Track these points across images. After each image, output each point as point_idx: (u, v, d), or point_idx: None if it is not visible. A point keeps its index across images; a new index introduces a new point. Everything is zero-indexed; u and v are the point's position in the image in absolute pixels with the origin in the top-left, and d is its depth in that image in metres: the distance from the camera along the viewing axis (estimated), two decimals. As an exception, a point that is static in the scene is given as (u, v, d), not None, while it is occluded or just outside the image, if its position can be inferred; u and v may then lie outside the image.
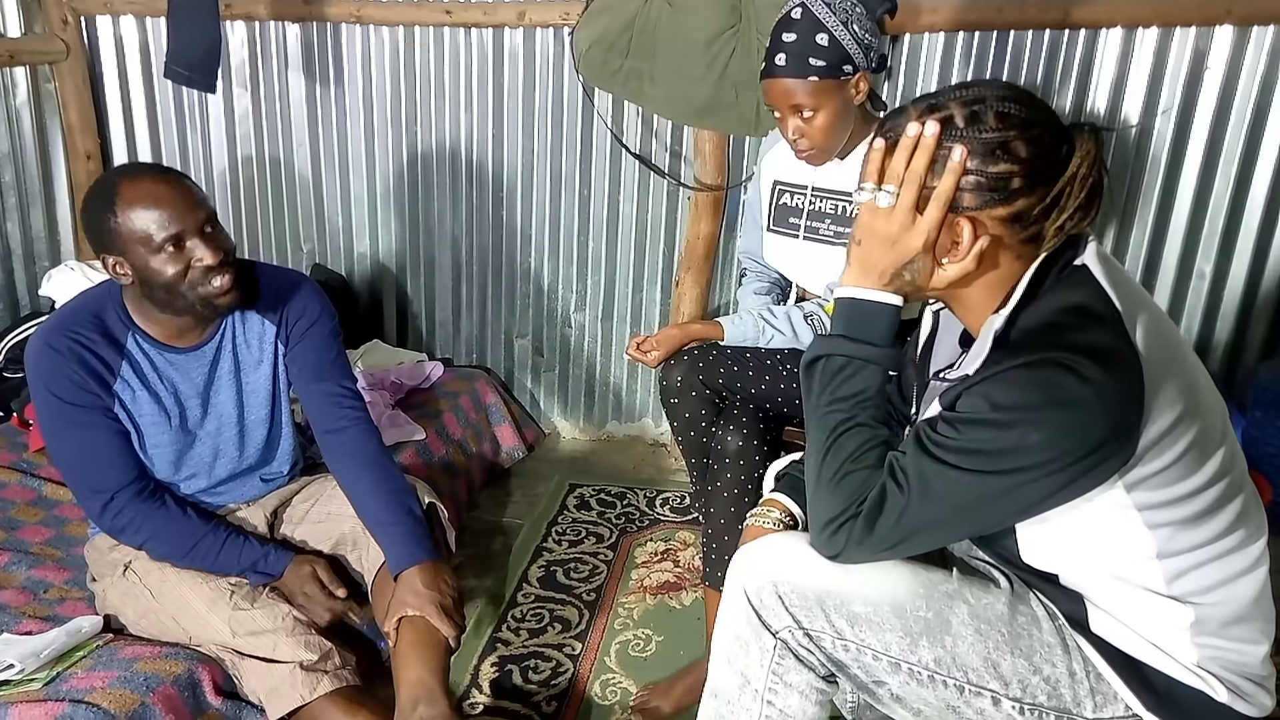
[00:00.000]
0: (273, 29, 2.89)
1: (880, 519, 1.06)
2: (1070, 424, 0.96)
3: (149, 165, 1.60)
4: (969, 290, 1.09)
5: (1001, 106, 1.02)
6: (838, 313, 1.14)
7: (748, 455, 1.78)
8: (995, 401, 0.99)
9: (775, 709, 1.16)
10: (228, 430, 1.74)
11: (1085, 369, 0.95)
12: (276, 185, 3.06)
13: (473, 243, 3.00)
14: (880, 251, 1.07)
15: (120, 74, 2.99)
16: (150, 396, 1.65)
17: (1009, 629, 1.12)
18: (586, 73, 2.59)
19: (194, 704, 1.51)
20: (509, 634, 2.02)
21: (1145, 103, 2.47)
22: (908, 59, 2.55)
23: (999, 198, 1.02)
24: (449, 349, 3.15)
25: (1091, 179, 1.03)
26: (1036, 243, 1.05)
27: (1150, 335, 1.00)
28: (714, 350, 1.94)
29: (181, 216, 1.50)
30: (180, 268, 1.52)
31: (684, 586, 2.21)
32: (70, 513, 2.06)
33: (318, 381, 1.76)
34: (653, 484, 2.75)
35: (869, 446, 1.10)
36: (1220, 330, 2.63)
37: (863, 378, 1.12)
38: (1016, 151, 1.01)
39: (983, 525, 1.08)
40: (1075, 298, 1.02)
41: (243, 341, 1.73)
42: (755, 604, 1.14)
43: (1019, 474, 0.99)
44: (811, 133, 1.77)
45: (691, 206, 2.73)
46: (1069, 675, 1.11)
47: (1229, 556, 1.07)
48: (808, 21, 1.71)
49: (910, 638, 1.11)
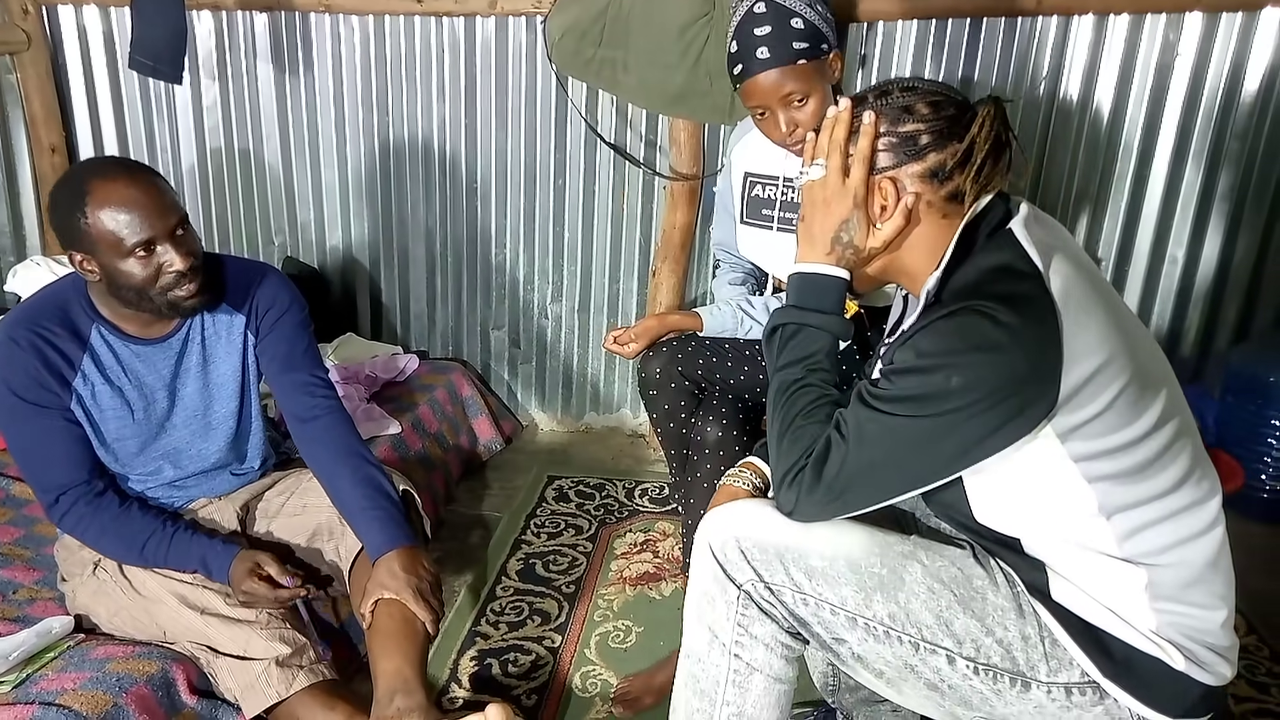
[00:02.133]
0: (240, 18, 2.84)
1: (825, 467, 1.12)
2: (989, 365, 1.03)
3: (121, 162, 1.54)
4: (907, 256, 1.18)
5: (906, 84, 1.17)
6: (789, 287, 1.23)
7: (727, 446, 1.77)
8: (920, 349, 1.07)
9: (742, 661, 1.20)
10: (194, 423, 1.72)
11: (1000, 314, 1.03)
12: (246, 177, 3.02)
13: (447, 234, 2.97)
14: (820, 220, 1.18)
15: (84, 64, 2.93)
16: (112, 390, 1.62)
17: (962, 590, 1.16)
18: (560, 62, 2.57)
19: (168, 703, 1.49)
20: (488, 627, 2.01)
21: (1117, 90, 2.49)
22: (882, 48, 2.55)
23: (911, 153, 1.13)
24: (424, 342, 3.13)
25: (997, 135, 1.12)
26: (959, 201, 1.14)
27: (1069, 282, 1.06)
28: (692, 341, 1.93)
29: (154, 222, 1.48)
30: (150, 272, 1.50)
31: (664, 577, 2.20)
32: (39, 512, 2.02)
33: (289, 371, 1.74)
34: (631, 475, 2.74)
35: (818, 404, 1.17)
36: (1192, 315, 2.66)
37: (811, 341, 1.20)
38: (920, 112, 1.13)
39: (921, 471, 1.11)
40: (998, 258, 1.09)
41: (211, 333, 1.71)
42: (720, 558, 1.19)
43: (945, 416, 1.05)
44: (805, 120, 1.72)
45: (667, 196, 2.72)
46: (1022, 639, 1.14)
47: (1180, 516, 1.10)
48: (775, 9, 1.68)
49: (865, 592, 1.15)
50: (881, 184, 1.14)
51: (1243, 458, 2.43)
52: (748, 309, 1.91)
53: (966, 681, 1.14)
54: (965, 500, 1.16)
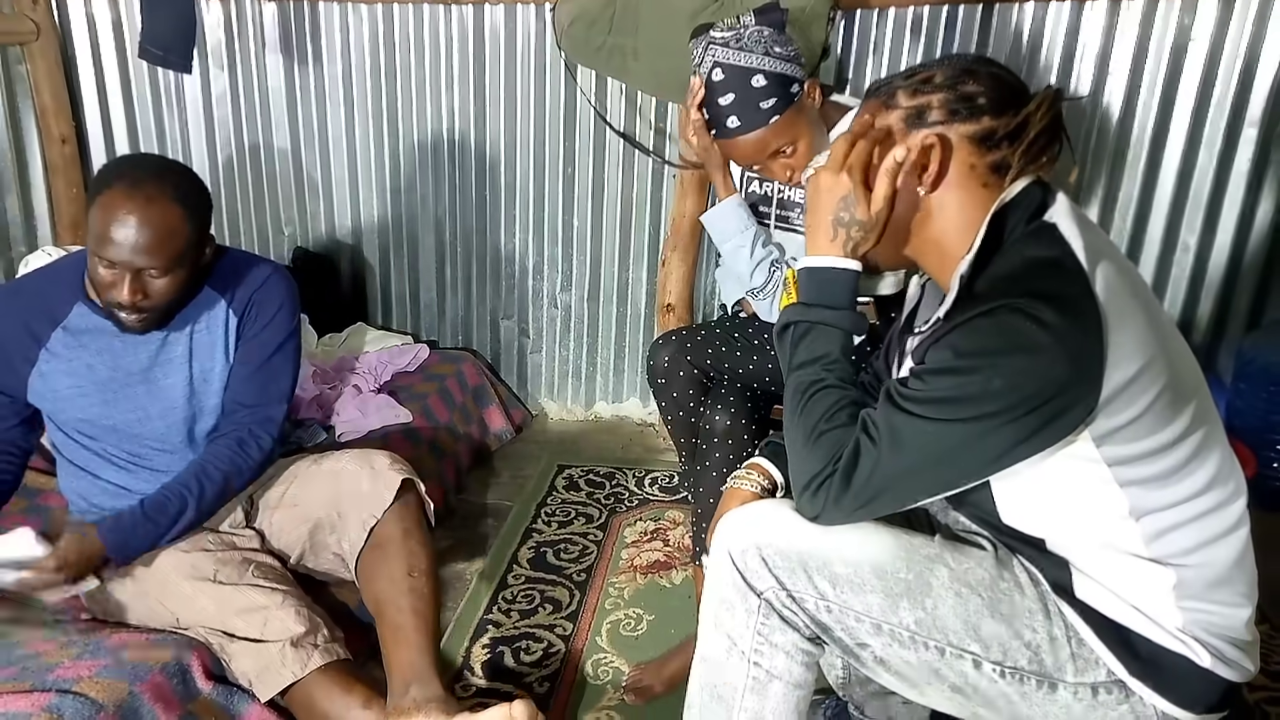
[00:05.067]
0: (249, 7, 2.84)
1: (855, 473, 1.08)
2: (1031, 368, 0.98)
3: (144, 186, 1.50)
4: (938, 228, 1.13)
5: (969, 58, 1.15)
6: (799, 283, 1.20)
7: (736, 434, 1.77)
8: (958, 349, 1.02)
9: (761, 669, 1.17)
10: (173, 415, 1.71)
11: (1044, 315, 0.98)
12: (256, 167, 3.02)
13: (456, 224, 2.97)
14: (820, 206, 1.15)
15: (94, 54, 2.93)
16: (83, 364, 1.65)
17: (990, 593, 1.13)
18: (569, 49, 2.56)
19: (184, 691, 1.50)
20: (500, 615, 2.02)
21: (1130, 77, 2.47)
22: (892, 35, 2.53)
23: (966, 112, 1.09)
24: (434, 331, 3.13)
25: (1054, 121, 1.09)
26: (1001, 175, 1.10)
27: (1112, 285, 1.03)
28: (701, 331, 1.93)
29: (123, 254, 1.50)
30: (104, 280, 1.54)
31: (674, 565, 2.21)
32: (53, 500, 2.04)
33: (240, 396, 1.72)
34: (641, 464, 2.74)
35: (840, 405, 1.14)
36: (1204, 302, 2.64)
37: (825, 340, 1.17)
38: (982, 77, 1.10)
39: (955, 476, 1.09)
40: (1039, 251, 1.05)
41: (204, 327, 1.70)
42: (740, 566, 1.16)
43: (984, 420, 1.01)
44: (799, 161, 1.71)
45: (677, 184, 2.72)
46: (1049, 640, 1.12)
47: (1207, 518, 1.08)
48: (733, 74, 1.64)
49: (891, 599, 1.12)
50: (926, 139, 1.10)
51: (1254, 446, 2.42)
52: (759, 249, 1.84)
53: (992, 685, 1.12)
54: (991, 500, 1.13)
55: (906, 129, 1.12)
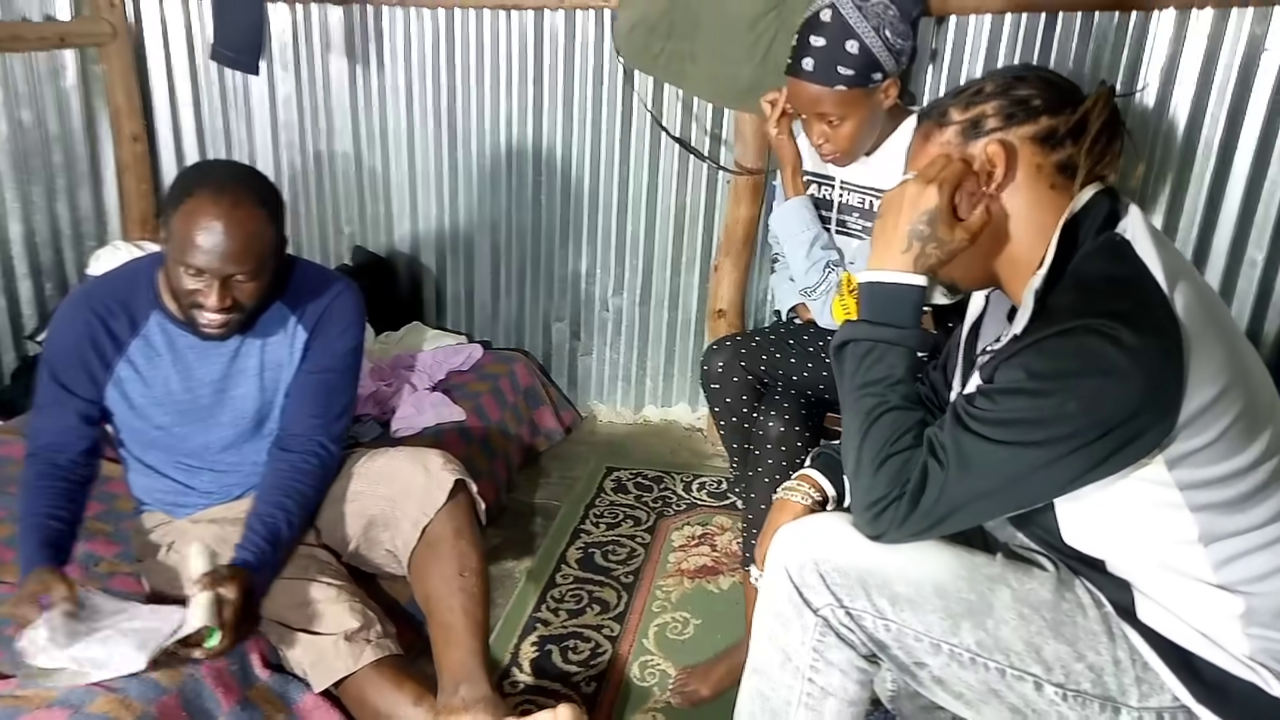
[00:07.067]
0: (315, 11, 2.90)
1: (923, 497, 1.06)
2: (1107, 391, 0.96)
3: (230, 189, 1.52)
4: (1008, 236, 1.11)
5: (1014, 68, 1.16)
6: (861, 297, 1.16)
7: (789, 441, 1.77)
8: (1032, 370, 0.99)
9: (816, 686, 1.16)
10: (242, 423, 1.73)
11: (1123, 336, 0.95)
12: (318, 168, 3.09)
13: (511, 226, 3.01)
14: (899, 216, 1.11)
15: (165, 56, 3.02)
16: (159, 376, 1.67)
17: (1053, 614, 1.11)
18: (627, 55, 2.58)
19: (243, 677, 1.54)
20: (548, 614, 2.04)
21: (1198, 87, 2.42)
22: (954, 43, 2.51)
23: (1024, 114, 1.08)
24: (488, 332, 3.17)
25: (1113, 116, 1.07)
26: (1069, 177, 1.08)
27: (1192, 305, 1.00)
28: (756, 337, 1.93)
29: (212, 261, 1.49)
30: (188, 288, 1.53)
31: (721, 571, 2.21)
32: (118, 488, 2.09)
33: (305, 405, 1.72)
34: (689, 468, 2.75)
35: (906, 429, 1.11)
36: (1272, 318, 2.57)
37: (889, 361, 1.13)
38: (1032, 81, 1.09)
39: (1025, 499, 1.07)
40: (1116, 269, 1.02)
41: (275, 340, 1.72)
42: (796, 582, 1.15)
43: (1058, 444, 0.99)
44: (837, 139, 1.73)
45: (730, 190, 2.72)
46: (1114, 663, 1.10)
47: (1278, 545, 1.05)
48: (837, 25, 1.65)
49: (952, 619, 1.10)
50: (989, 147, 1.08)
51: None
52: (818, 249, 1.85)
53: (1054, 707, 1.10)
54: (1054, 521, 1.11)
55: (964, 142, 1.11)
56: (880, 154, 1.82)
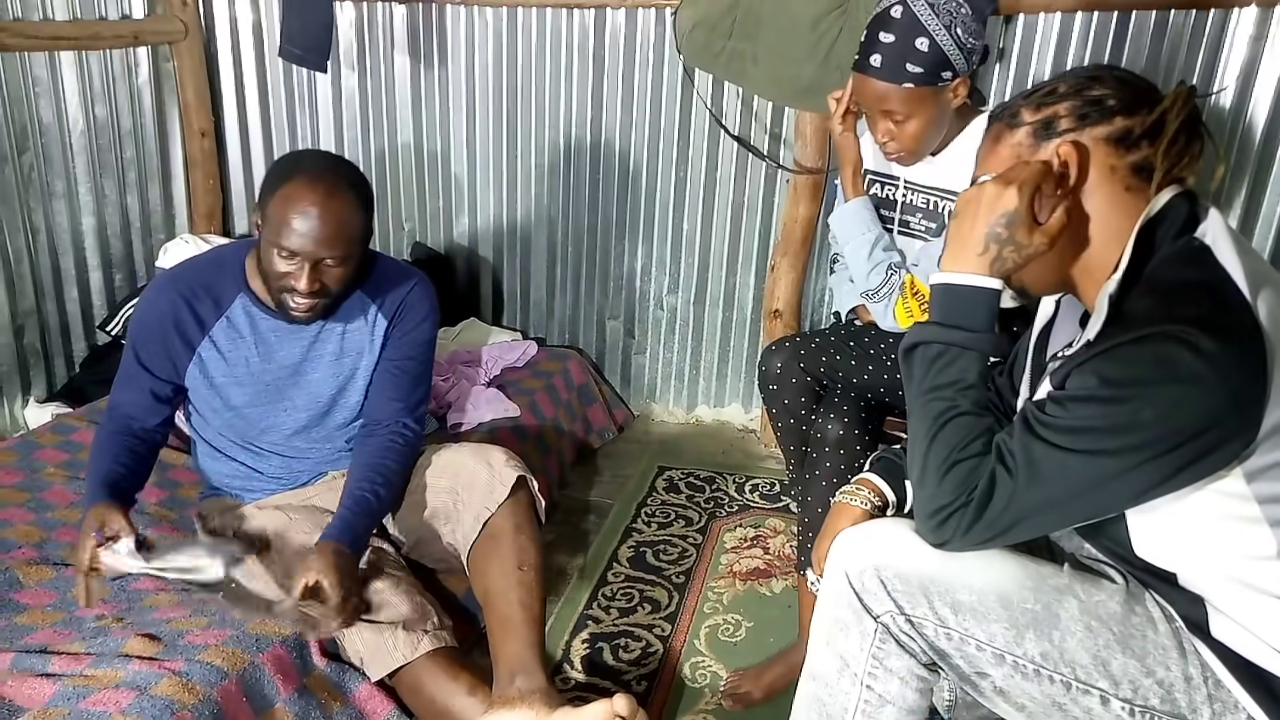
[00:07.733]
0: (380, 10, 2.94)
1: (990, 505, 1.04)
2: (1185, 399, 0.93)
3: (327, 177, 1.58)
4: (1083, 251, 1.08)
5: (1087, 68, 1.12)
6: (934, 299, 1.13)
7: (848, 444, 1.75)
8: (1105, 377, 0.97)
9: (874, 693, 1.15)
10: (316, 408, 1.79)
11: (1201, 342, 0.92)
12: (380, 164, 3.13)
13: (568, 223, 3.02)
14: (977, 217, 1.08)
15: (234, 53, 3.08)
16: (240, 355, 1.72)
17: (1121, 628, 1.08)
18: (689, 54, 2.57)
19: (301, 665, 1.56)
20: (600, 611, 2.04)
21: (1278, 88, 2.34)
22: (1022, 42, 2.46)
23: (1098, 115, 1.05)
24: (542, 329, 3.19)
25: (1191, 116, 1.04)
26: (1145, 179, 1.05)
27: (1276, 313, 0.96)
28: (815, 338, 1.92)
29: (306, 244, 1.55)
30: (278, 270, 1.59)
31: (774, 574, 2.19)
32: (182, 476, 2.15)
33: (387, 391, 1.79)
34: (742, 469, 2.73)
35: (974, 435, 1.08)
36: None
37: (960, 365, 1.10)
38: (1108, 81, 1.07)
39: (1096, 509, 1.04)
40: (1195, 274, 1.00)
41: (356, 327, 1.78)
42: (856, 587, 1.13)
43: (1132, 453, 0.96)
44: (902, 138, 1.70)
45: (789, 189, 2.70)
46: (1184, 680, 1.07)
47: None
48: (908, 22, 1.62)
49: (1016, 630, 1.08)
50: (1061, 148, 1.05)
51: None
52: (878, 252, 1.83)
53: None
54: (1125, 533, 1.09)
55: (1036, 143, 1.08)
56: (947, 154, 1.79)
